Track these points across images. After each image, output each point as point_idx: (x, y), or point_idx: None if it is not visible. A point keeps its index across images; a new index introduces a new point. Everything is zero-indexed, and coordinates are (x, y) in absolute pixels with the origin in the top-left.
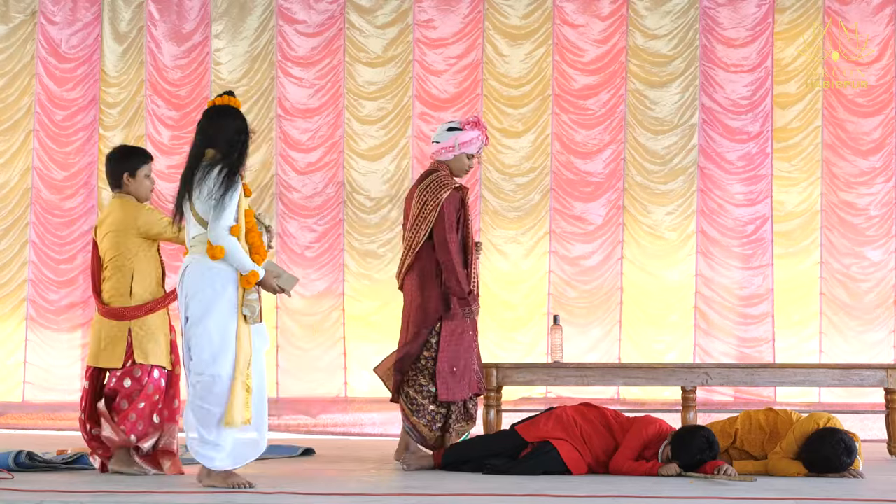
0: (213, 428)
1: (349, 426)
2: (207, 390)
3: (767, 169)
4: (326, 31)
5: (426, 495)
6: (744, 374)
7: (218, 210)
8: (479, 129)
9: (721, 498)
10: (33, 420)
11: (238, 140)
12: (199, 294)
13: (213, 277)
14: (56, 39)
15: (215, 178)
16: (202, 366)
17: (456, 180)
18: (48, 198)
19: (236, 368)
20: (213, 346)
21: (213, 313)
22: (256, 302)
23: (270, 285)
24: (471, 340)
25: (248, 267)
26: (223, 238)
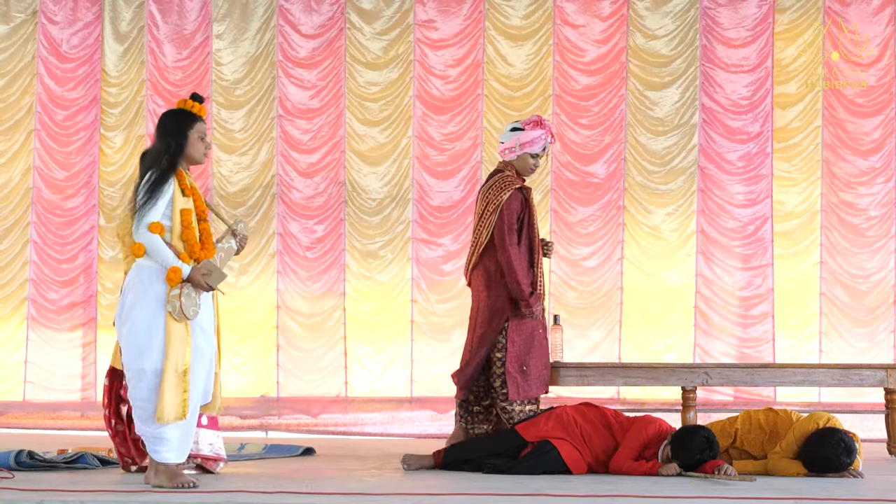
0: (150, 421)
1: (349, 426)
2: (135, 385)
3: (767, 169)
4: (327, 31)
5: (426, 495)
6: (744, 373)
7: (140, 210)
8: (541, 129)
9: (721, 498)
10: (34, 419)
11: (166, 143)
12: (129, 290)
13: (141, 274)
14: (57, 39)
15: (143, 183)
16: (129, 360)
17: (521, 181)
18: (49, 197)
19: (166, 363)
20: (138, 341)
21: (138, 308)
22: (178, 298)
23: (198, 282)
24: (541, 339)
25: (170, 263)
26: (142, 235)
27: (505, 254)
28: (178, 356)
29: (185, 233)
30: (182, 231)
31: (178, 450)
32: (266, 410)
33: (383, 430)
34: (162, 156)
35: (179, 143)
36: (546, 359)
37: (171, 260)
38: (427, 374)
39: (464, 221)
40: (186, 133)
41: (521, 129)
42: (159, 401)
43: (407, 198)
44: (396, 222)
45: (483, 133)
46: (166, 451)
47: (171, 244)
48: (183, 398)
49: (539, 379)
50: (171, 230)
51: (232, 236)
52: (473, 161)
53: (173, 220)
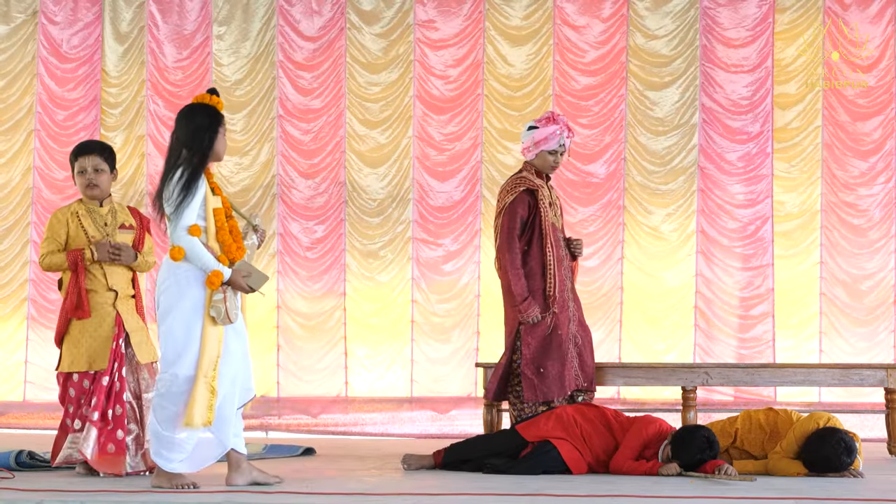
0: (170, 426)
1: (349, 426)
2: (167, 388)
3: (767, 169)
4: (328, 32)
5: (426, 495)
6: (744, 373)
7: (176, 211)
8: (554, 125)
9: (721, 497)
10: (34, 419)
11: (198, 139)
12: (165, 292)
13: (178, 276)
14: (57, 39)
15: (175, 181)
16: (164, 364)
17: (531, 181)
18: (49, 198)
19: (199, 369)
20: (175, 345)
21: (176, 312)
22: (222, 302)
23: (239, 284)
24: (560, 339)
25: (211, 267)
26: (181, 238)
27: (500, 259)
28: (210, 361)
29: (220, 233)
30: (216, 231)
31: (190, 460)
32: (266, 410)
33: (383, 431)
34: (188, 152)
35: (211, 138)
36: (565, 360)
37: (213, 263)
38: (427, 375)
39: (464, 221)
40: (216, 129)
41: (537, 127)
42: (189, 406)
43: (407, 198)
44: (397, 222)
45: (483, 133)
46: (178, 460)
47: (208, 245)
48: (210, 403)
49: (557, 381)
50: (205, 231)
51: (253, 232)
52: (474, 161)
53: (207, 221)
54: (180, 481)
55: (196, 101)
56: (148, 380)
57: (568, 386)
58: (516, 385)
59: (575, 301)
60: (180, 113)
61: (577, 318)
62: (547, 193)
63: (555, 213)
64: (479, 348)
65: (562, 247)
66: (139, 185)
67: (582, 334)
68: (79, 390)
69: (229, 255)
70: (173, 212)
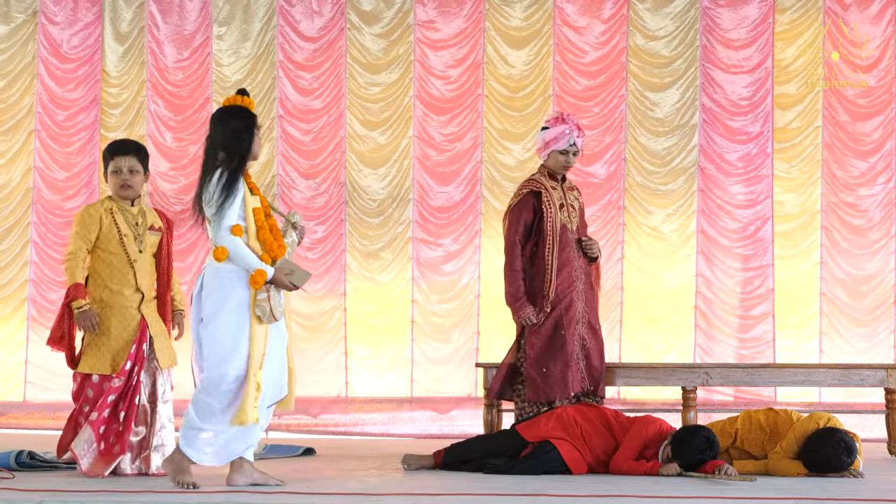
0: (209, 421)
1: (349, 426)
2: (214, 387)
3: (768, 169)
4: (328, 32)
5: (426, 495)
6: (744, 373)
7: (218, 212)
8: (563, 124)
9: (721, 498)
10: (34, 420)
11: (236, 141)
12: (211, 295)
13: (222, 278)
14: (57, 39)
15: (215, 182)
16: (210, 364)
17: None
18: (49, 198)
19: (249, 368)
20: (223, 346)
21: (223, 313)
22: (266, 301)
23: (283, 282)
24: (563, 339)
25: (254, 266)
26: (224, 239)
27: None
28: (258, 361)
29: (261, 232)
30: (257, 231)
31: (217, 453)
32: None
33: (383, 431)
34: (226, 155)
35: (249, 140)
36: (569, 361)
37: (256, 262)
38: (427, 375)
39: (464, 221)
40: (252, 130)
41: (548, 127)
42: (241, 405)
43: (407, 198)
44: (397, 223)
45: (483, 133)
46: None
47: (249, 245)
48: (256, 402)
49: (560, 381)
50: (246, 230)
51: (292, 229)
52: (474, 161)
53: (247, 221)
54: (183, 478)
55: (228, 103)
56: (165, 385)
57: (571, 387)
58: (519, 384)
59: (587, 303)
60: (214, 116)
61: (587, 321)
62: (558, 195)
63: (567, 214)
64: (479, 348)
65: (572, 248)
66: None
67: (590, 337)
68: (97, 392)
69: (271, 253)
70: (215, 213)
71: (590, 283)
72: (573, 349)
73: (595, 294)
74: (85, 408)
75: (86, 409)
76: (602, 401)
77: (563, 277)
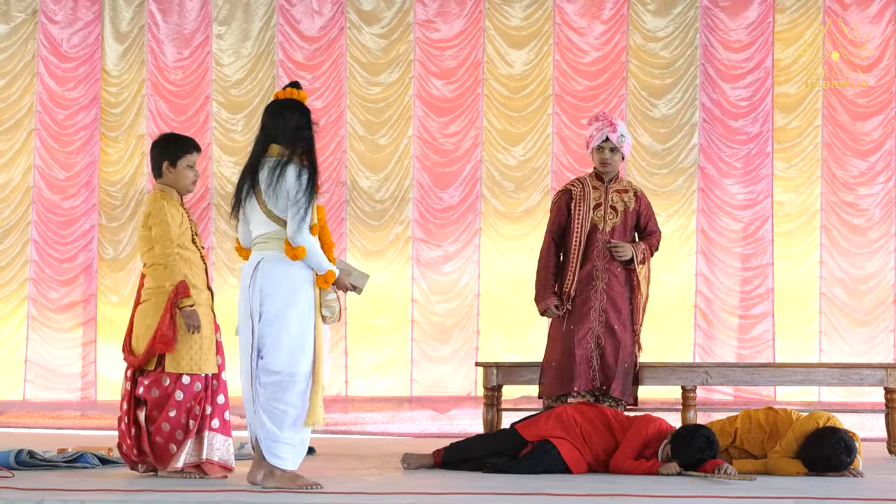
0: (289, 427)
1: (349, 425)
2: (285, 390)
3: (768, 169)
4: (328, 32)
5: (426, 494)
6: (744, 373)
7: (301, 211)
8: (595, 122)
9: (721, 497)
10: (34, 419)
11: (299, 135)
12: (277, 293)
13: (291, 276)
14: (57, 38)
15: (296, 180)
16: (279, 364)
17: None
18: (49, 197)
19: (316, 368)
20: (291, 344)
21: (292, 312)
22: (335, 301)
23: (344, 284)
24: (572, 335)
25: (326, 267)
26: (305, 238)
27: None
28: (322, 359)
29: (322, 232)
30: (319, 230)
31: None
32: None
33: (383, 430)
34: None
35: (312, 136)
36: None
37: (327, 263)
38: (427, 374)
39: (464, 221)
40: (312, 126)
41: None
42: (312, 406)
43: (407, 198)
44: (397, 222)
45: (483, 133)
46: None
47: None
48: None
49: (561, 377)
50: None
51: None
52: (474, 161)
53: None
54: (304, 482)
55: (283, 96)
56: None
57: (578, 384)
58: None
59: (610, 303)
60: (272, 108)
61: (604, 321)
62: (598, 194)
63: (602, 214)
64: (478, 348)
65: (597, 248)
66: (139, 185)
67: (607, 336)
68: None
69: (329, 253)
70: (297, 209)
71: (620, 285)
72: (585, 347)
73: (628, 297)
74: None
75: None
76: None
77: (583, 275)
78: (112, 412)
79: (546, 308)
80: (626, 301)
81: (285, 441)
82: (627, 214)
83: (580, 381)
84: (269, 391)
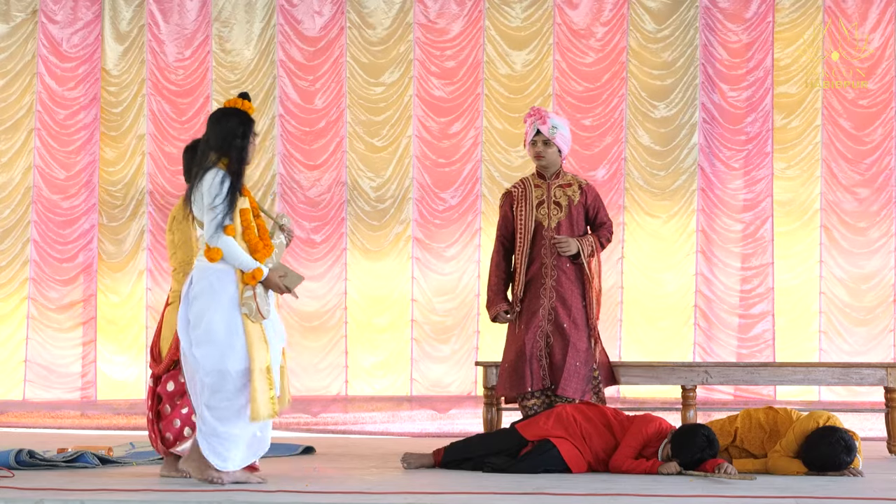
0: (229, 422)
1: (349, 424)
2: (218, 387)
3: (768, 169)
4: (328, 31)
5: (426, 493)
6: (744, 372)
7: (218, 216)
8: (529, 117)
9: (721, 496)
10: (34, 418)
11: (228, 143)
12: (200, 295)
13: (211, 277)
14: (57, 38)
15: (209, 182)
16: (209, 364)
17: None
18: (49, 197)
19: (252, 362)
20: (218, 343)
21: (214, 311)
22: (252, 299)
23: (275, 283)
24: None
25: (250, 265)
26: (219, 240)
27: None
28: (261, 354)
29: (247, 233)
30: (243, 231)
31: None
32: None
33: (383, 430)
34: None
35: (244, 145)
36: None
37: (251, 262)
38: (427, 374)
39: (464, 221)
40: (249, 135)
41: None
42: (252, 400)
43: (407, 197)
44: (397, 222)
45: (483, 133)
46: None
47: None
48: (271, 395)
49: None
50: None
51: (280, 231)
52: (473, 161)
53: (234, 221)
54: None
55: (228, 104)
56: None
57: (530, 384)
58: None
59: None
60: (212, 116)
61: (554, 319)
62: (540, 192)
63: (546, 211)
64: (478, 347)
65: (543, 245)
66: (139, 185)
67: (556, 334)
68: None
69: (256, 254)
70: (210, 214)
71: (570, 281)
72: (534, 346)
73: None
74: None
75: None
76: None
77: (532, 275)
78: (112, 412)
79: (496, 314)
80: (578, 297)
81: (223, 434)
82: (573, 208)
83: (533, 380)
84: (206, 389)
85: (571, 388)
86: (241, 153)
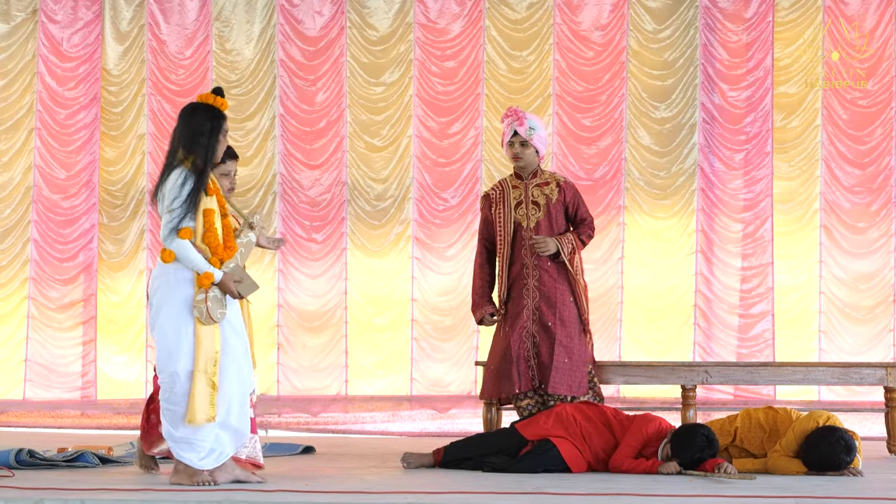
0: (181, 426)
1: (349, 424)
2: (169, 389)
3: (767, 169)
4: (329, 31)
5: (426, 493)
6: (744, 372)
7: (175, 219)
8: (506, 118)
9: (721, 496)
10: (34, 418)
11: (198, 140)
12: (155, 294)
13: (167, 277)
14: (57, 38)
15: (171, 184)
16: (161, 364)
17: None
18: (50, 196)
19: (196, 365)
20: (168, 344)
21: (166, 312)
22: (203, 302)
23: (229, 288)
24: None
25: (202, 269)
26: (171, 241)
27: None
28: (208, 357)
29: (207, 235)
30: (204, 233)
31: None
32: (266, 409)
33: (383, 429)
34: (189, 155)
35: (212, 143)
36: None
37: (204, 265)
38: (427, 373)
39: (465, 221)
40: (218, 133)
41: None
42: (189, 403)
43: (408, 197)
44: (397, 222)
45: (483, 133)
46: (199, 458)
47: (198, 246)
48: (212, 399)
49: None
50: (194, 231)
51: (250, 229)
52: (474, 161)
53: (197, 222)
54: (201, 478)
55: (200, 100)
56: None
57: (518, 385)
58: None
59: (543, 300)
60: (183, 111)
61: (539, 319)
62: (518, 193)
63: (524, 212)
64: (478, 347)
65: (523, 246)
66: (140, 185)
67: (542, 334)
68: None
69: (216, 255)
70: (172, 216)
71: (553, 280)
72: (520, 347)
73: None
74: None
75: None
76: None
77: (514, 275)
78: (112, 411)
79: (481, 317)
80: (566, 294)
81: (180, 438)
82: (552, 207)
83: (521, 381)
84: (162, 390)
85: (562, 385)
86: (208, 151)
